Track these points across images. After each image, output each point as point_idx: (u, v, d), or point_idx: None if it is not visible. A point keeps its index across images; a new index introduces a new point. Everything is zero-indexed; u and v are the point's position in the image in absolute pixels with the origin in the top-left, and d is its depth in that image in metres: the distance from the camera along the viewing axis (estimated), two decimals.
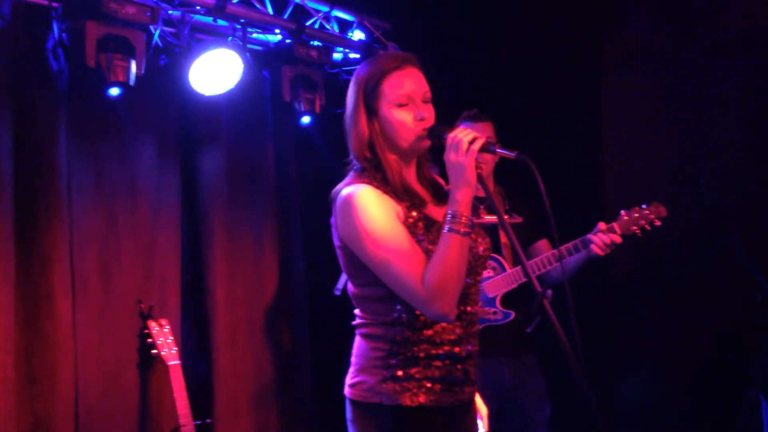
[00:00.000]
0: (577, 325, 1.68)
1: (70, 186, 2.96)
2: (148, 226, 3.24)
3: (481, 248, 1.93)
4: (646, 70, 4.04)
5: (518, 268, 2.94)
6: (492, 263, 2.98)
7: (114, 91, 2.89)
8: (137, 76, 2.91)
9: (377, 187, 1.83)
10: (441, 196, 1.95)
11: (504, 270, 2.97)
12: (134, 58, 2.87)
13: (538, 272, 2.93)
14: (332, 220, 1.88)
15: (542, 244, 3.09)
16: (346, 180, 1.89)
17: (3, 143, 2.75)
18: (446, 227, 1.76)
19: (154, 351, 3.01)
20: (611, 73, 4.15)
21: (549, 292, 1.67)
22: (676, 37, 3.94)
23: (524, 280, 2.93)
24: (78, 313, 2.97)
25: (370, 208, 1.79)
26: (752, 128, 3.73)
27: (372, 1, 3.88)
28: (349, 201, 1.82)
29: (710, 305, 3.74)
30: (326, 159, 3.69)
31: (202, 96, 3.25)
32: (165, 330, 3.06)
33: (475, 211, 2.94)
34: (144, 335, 3.06)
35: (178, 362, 3.01)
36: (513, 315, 2.96)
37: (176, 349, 3.05)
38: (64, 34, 2.82)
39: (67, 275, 2.93)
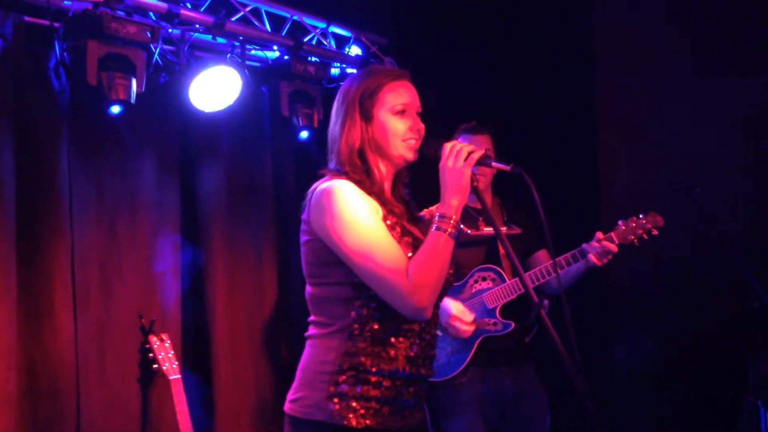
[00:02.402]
0: (575, 334, 1.70)
1: (71, 202, 2.99)
2: (149, 240, 3.27)
3: None
4: (641, 78, 4.08)
5: (517, 279, 2.97)
6: (492, 274, 3.01)
7: (115, 109, 2.93)
8: (138, 94, 2.94)
9: (361, 187, 1.82)
10: (413, 215, 1.97)
11: (503, 281, 3.00)
12: (135, 76, 2.91)
13: (536, 283, 2.95)
14: (303, 216, 1.85)
15: (541, 254, 3.12)
16: (326, 178, 1.87)
17: (5, 160, 2.79)
18: (434, 226, 1.77)
19: (155, 365, 3.03)
20: (606, 82, 4.19)
21: (546, 302, 1.70)
22: (671, 45, 3.99)
23: (523, 290, 2.95)
24: (79, 328, 2.99)
25: (351, 200, 1.77)
26: (748, 136, 3.77)
27: (368, 17, 3.93)
28: (328, 192, 1.79)
29: (707, 313, 3.76)
30: None
31: (202, 112, 3.29)
32: (166, 344, 3.08)
33: (473, 224, 2.99)
34: (145, 350, 3.08)
35: (179, 376, 3.03)
36: (513, 325, 2.98)
37: (177, 363, 3.06)
38: (65, 54, 2.86)
39: (69, 290, 2.96)
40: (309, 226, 1.83)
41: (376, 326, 1.79)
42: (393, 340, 1.79)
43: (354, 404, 1.76)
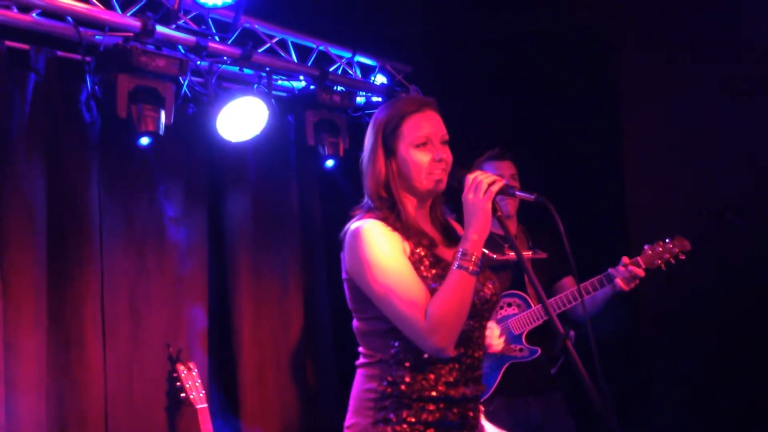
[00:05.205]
0: (604, 363, 1.68)
1: (101, 232, 3.03)
2: (176, 269, 3.30)
3: (488, 292, 1.91)
4: (667, 103, 4.06)
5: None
6: (517, 300, 2.99)
7: (144, 141, 2.98)
8: (166, 125, 3.00)
9: (387, 224, 1.86)
10: (452, 238, 1.97)
11: (529, 307, 2.97)
12: (164, 108, 2.96)
13: (562, 308, 2.93)
14: (342, 254, 1.91)
15: (567, 281, 3.09)
16: (356, 217, 1.93)
17: (38, 191, 2.84)
18: (455, 264, 1.78)
19: (183, 394, 3.05)
20: (632, 107, 4.17)
21: (572, 333, 1.67)
22: (697, 70, 3.96)
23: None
24: (108, 357, 3.02)
25: (376, 241, 1.82)
26: None
27: (393, 46, 3.97)
28: (356, 234, 1.85)
29: (739, 337, 3.68)
30: (350, 201, 3.74)
31: (229, 142, 3.33)
32: (193, 373, 3.10)
33: (498, 249, 2.98)
34: (173, 379, 3.10)
35: (205, 405, 3.04)
36: (539, 352, 2.95)
37: (204, 392, 3.08)
38: (96, 87, 2.92)
39: (98, 319, 2.99)
40: (345, 265, 1.90)
41: (414, 355, 1.84)
42: (431, 366, 1.84)
43: (398, 428, 1.82)
